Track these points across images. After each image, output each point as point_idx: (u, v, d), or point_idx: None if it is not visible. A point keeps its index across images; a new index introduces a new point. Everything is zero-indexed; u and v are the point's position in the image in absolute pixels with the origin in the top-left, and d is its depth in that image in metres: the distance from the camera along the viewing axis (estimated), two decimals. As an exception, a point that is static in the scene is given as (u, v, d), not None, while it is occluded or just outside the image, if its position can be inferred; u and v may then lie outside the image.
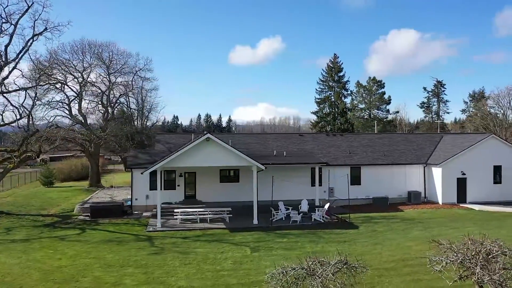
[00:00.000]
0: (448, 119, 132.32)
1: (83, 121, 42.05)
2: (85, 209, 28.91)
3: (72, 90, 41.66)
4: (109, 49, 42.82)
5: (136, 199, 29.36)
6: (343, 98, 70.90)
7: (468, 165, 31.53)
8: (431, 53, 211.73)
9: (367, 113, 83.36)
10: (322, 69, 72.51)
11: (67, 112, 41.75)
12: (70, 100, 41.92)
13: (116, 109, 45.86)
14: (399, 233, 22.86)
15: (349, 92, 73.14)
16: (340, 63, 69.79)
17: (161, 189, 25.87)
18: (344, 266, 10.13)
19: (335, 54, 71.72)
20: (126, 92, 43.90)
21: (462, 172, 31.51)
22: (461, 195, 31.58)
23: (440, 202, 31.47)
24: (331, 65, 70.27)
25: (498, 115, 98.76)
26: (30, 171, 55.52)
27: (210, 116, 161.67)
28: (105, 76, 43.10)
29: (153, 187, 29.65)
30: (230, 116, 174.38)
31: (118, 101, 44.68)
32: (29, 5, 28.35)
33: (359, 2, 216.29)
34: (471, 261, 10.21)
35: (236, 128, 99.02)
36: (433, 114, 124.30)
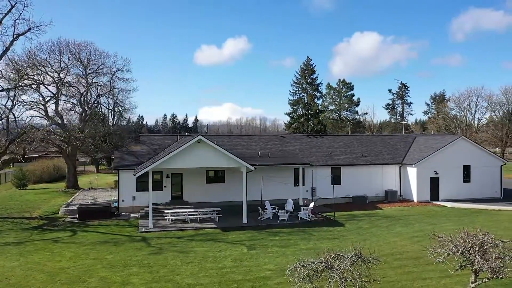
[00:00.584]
0: (411, 120, 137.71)
1: (60, 122, 41.43)
2: (71, 211, 28.75)
3: (49, 90, 40.99)
4: (87, 49, 42.37)
5: (123, 201, 29.46)
6: (315, 100, 72.72)
7: (441, 165, 33.52)
8: (392, 55, 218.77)
9: (337, 114, 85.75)
10: (296, 71, 74.31)
11: (43, 112, 41.04)
12: (46, 100, 41.24)
13: (93, 110, 45.34)
14: (383, 230, 24.22)
15: (322, 94, 75.07)
16: (313, 66, 71.71)
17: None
18: (359, 259, 11.07)
19: (308, 57, 73.78)
20: (104, 93, 43.51)
21: (435, 171, 33.46)
22: (434, 193, 33.53)
23: (415, 200, 33.28)
24: (304, 68, 71.95)
25: (459, 117, 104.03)
26: (-1, 173, 53.88)
27: (176, 116, 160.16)
28: (82, 77, 42.58)
29: (139, 188, 29.92)
30: (196, 116, 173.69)
31: (96, 102, 44.21)
32: (13, 4, 27.89)
33: (326, 4, 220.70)
34: (470, 252, 11.39)
35: (207, 129, 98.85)
36: (397, 115, 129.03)
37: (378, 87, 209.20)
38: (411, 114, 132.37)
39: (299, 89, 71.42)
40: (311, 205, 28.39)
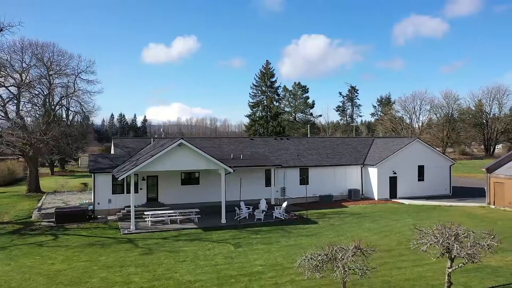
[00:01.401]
0: (360, 120, 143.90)
1: (21, 124, 40.30)
2: (46, 215, 28.49)
3: (10, 91, 39.79)
4: (50, 50, 41.51)
5: (98, 203, 29.53)
6: (275, 102, 74.76)
7: (398, 165, 36.35)
8: (339, 58, 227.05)
9: (292, 116, 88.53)
10: (255, 74, 76.25)
11: (2, 114, 39.77)
12: (6, 101, 40.00)
13: (56, 111, 44.39)
14: (354, 226, 26.26)
15: (281, 96, 77.28)
16: (272, 69, 73.87)
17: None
18: (359, 251, 12.67)
19: (267, 60, 75.98)
20: (68, 94, 42.79)
21: (393, 171, 36.23)
22: (393, 192, 36.31)
23: (376, 198, 35.87)
24: (264, 71, 73.87)
25: (405, 119, 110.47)
26: None
27: (124, 116, 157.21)
28: (45, 78, 41.65)
29: (115, 191, 30.14)
30: (145, 116, 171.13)
31: (59, 103, 43.36)
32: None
33: (274, 6, 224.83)
34: (448, 241, 13.34)
35: (164, 130, 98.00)
36: (347, 117, 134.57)
37: (326, 88, 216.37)
38: (360, 116, 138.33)
39: (259, 92, 73.31)
40: (284, 204, 29.97)
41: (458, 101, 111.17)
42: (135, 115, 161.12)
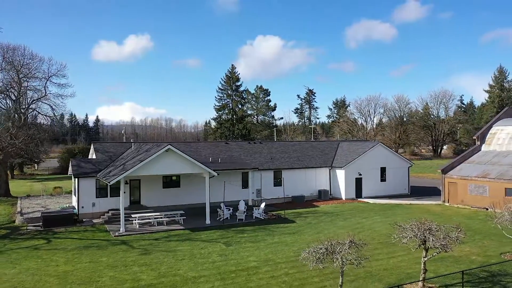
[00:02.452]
0: (319, 121, 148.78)
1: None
2: (30, 220, 28.83)
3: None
4: (21, 53, 41.15)
5: (82, 207, 30.16)
6: (240, 106, 76.66)
7: (363, 167, 39.34)
8: (293, 59, 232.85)
9: (255, 118, 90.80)
10: (221, 78, 77.77)
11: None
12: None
13: (27, 115, 43.92)
14: (328, 224, 28.68)
15: (246, 100, 79.21)
16: (238, 73, 75.53)
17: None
18: (353, 245, 14.85)
19: (232, 65, 78.02)
20: (38, 98, 42.56)
21: (359, 173, 39.18)
22: (358, 192, 39.26)
23: (344, 198, 38.66)
24: (229, 75, 75.57)
25: (360, 122, 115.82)
26: None
27: (74, 115, 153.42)
28: (15, 82, 41.24)
29: (98, 195, 30.92)
30: (97, 116, 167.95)
31: (30, 107, 42.98)
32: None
33: (230, 7, 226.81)
34: (424, 234, 15.83)
35: (125, 132, 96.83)
36: (305, 119, 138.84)
37: (281, 89, 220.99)
38: (318, 118, 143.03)
39: (225, 95, 74.94)
40: (262, 205, 31.94)
41: (409, 105, 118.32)
42: (86, 115, 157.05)
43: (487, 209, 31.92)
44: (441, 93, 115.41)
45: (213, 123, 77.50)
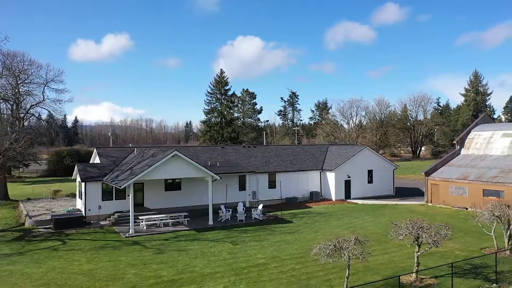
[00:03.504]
0: (302, 123, 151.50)
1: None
2: (40, 222, 30.04)
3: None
4: (19, 59, 42.02)
5: (89, 210, 31.51)
6: (229, 109, 78.46)
7: (351, 170, 41.72)
8: (274, 60, 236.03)
9: (241, 121, 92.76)
10: (210, 82, 79.51)
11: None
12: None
13: (25, 120, 44.76)
14: (323, 224, 30.83)
15: (235, 104, 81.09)
16: (226, 78, 77.37)
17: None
18: (358, 241, 16.94)
19: (221, 69, 79.31)
20: (37, 103, 43.50)
21: (348, 175, 41.54)
22: (347, 193, 41.62)
23: (334, 199, 40.94)
24: (218, 79, 77.32)
25: (342, 124, 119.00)
26: None
27: (52, 115, 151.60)
28: (14, 86, 42.10)
29: (104, 198, 32.32)
30: (76, 117, 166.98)
31: (28, 112, 43.85)
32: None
33: (211, 6, 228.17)
34: (417, 232, 18.06)
35: (111, 134, 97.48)
36: (288, 121, 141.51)
37: (261, 89, 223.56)
38: (301, 120, 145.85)
39: (214, 99, 76.67)
40: (260, 206, 33.87)
41: (389, 108, 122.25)
42: (65, 116, 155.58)
43: (466, 208, 34.68)
44: (419, 97, 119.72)
45: (196, 125, 79.04)
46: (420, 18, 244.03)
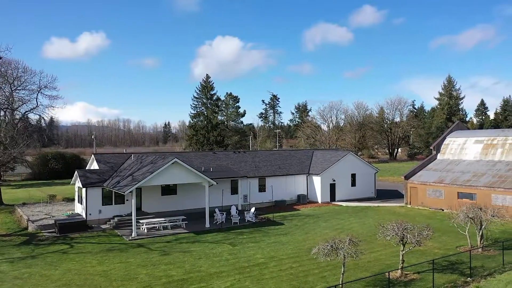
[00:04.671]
0: (281, 129, 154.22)
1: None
2: (43, 227, 31.29)
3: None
4: (13, 66, 42.87)
5: (90, 214, 32.88)
6: (215, 113, 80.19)
7: (336, 173, 44.18)
8: (252, 60, 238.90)
9: (225, 125, 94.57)
10: (196, 87, 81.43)
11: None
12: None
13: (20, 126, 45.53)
14: (313, 225, 33.06)
15: (221, 108, 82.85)
16: (212, 82, 79.06)
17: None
18: (352, 242, 19.15)
19: (207, 74, 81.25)
20: (31, 109, 44.41)
21: (333, 179, 43.99)
22: (332, 196, 44.06)
23: (320, 202, 43.30)
24: (204, 84, 78.99)
25: (322, 127, 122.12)
26: None
27: (27, 115, 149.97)
28: (9, 94, 42.93)
29: (104, 203, 33.74)
30: (52, 117, 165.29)
31: (22, 118, 44.66)
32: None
33: (190, 6, 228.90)
34: (402, 232, 20.42)
35: (95, 137, 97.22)
36: (270, 123, 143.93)
37: (241, 90, 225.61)
38: (282, 123, 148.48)
39: (200, 104, 78.25)
40: (253, 209, 35.88)
41: (367, 111, 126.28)
42: (40, 116, 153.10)
43: (443, 210, 37.54)
44: (396, 100, 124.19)
45: (175, 126, 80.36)
46: (396, 21, 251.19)
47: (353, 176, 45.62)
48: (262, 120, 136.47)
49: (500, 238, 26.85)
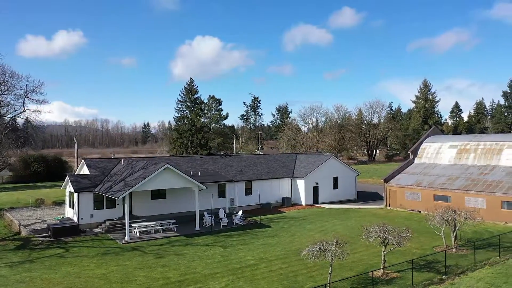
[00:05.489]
0: (262, 130, 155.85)
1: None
2: (36, 231, 31.92)
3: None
4: (2, 71, 43.08)
5: (82, 218, 33.63)
6: (199, 117, 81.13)
7: (319, 177, 45.92)
8: (232, 61, 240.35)
9: (208, 128, 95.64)
10: (180, 91, 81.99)
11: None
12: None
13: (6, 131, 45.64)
14: (299, 227, 34.61)
15: (205, 111, 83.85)
16: (196, 86, 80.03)
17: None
18: (338, 244, 20.72)
19: (191, 78, 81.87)
20: (18, 113, 44.66)
21: (316, 182, 45.71)
22: (316, 198, 45.78)
23: (303, 204, 44.96)
24: (188, 88, 79.85)
25: (303, 129, 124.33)
26: None
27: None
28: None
29: (95, 207, 34.53)
30: (27, 118, 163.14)
31: (8, 123, 44.84)
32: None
33: (170, 5, 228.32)
34: (384, 235, 22.12)
35: (76, 139, 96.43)
36: (251, 125, 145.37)
37: (218, 89, 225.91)
38: (263, 124, 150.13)
39: (184, 107, 79.10)
40: (240, 212, 37.22)
41: (347, 114, 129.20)
42: (14, 116, 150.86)
43: (420, 211, 39.67)
44: (375, 103, 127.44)
45: (154, 126, 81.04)
46: (374, 24, 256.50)
47: (335, 179, 47.45)
48: (243, 122, 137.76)
49: (472, 238, 28.92)
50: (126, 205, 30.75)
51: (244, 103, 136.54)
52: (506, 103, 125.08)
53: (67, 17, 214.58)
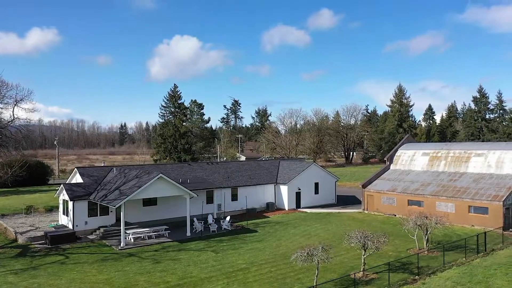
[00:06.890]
0: (242, 132, 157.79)
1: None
2: (33, 238, 33.17)
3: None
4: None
5: (76, 226, 35.04)
6: (182, 122, 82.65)
7: (301, 182, 48.37)
8: (210, 61, 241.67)
9: (190, 132, 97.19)
10: (164, 96, 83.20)
11: None
12: None
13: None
14: (283, 232, 36.89)
15: (188, 117, 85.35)
16: (179, 92, 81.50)
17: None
18: (323, 248, 23.06)
19: (175, 84, 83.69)
20: (7, 123, 45.42)
21: (298, 188, 48.15)
22: (298, 203, 48.21)
23: (287, 209, 47.32)
24: (172, 94, 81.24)
25: (282, 132, 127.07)
26: None
27: (4, 127, 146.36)
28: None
29: (89, 214, 35.98)
30: (1, 119, 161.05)
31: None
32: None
33: (148, 4, 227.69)
34: (364, 240, 24.60)
35: (57, 143, 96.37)
36: (231, 128, 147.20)
37: (197, 89, 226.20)
38: (242, 127, 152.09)
39: (167, 112, 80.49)
40: (228, 218, 39.24)
41: (325, 117, 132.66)
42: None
43: (395, 215, 42.54)
44: (352, 107, 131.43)
45: (132, 127, 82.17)
46: (352, 26, 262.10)
47: (316, 184, 50.00)
48: (224, 125, 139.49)
49: (442, 241, 31.77)
50: (122, 213, 32.38)
51: (225, 106, 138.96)
52: (475, 108, 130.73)
53: (42, 14, 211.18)
